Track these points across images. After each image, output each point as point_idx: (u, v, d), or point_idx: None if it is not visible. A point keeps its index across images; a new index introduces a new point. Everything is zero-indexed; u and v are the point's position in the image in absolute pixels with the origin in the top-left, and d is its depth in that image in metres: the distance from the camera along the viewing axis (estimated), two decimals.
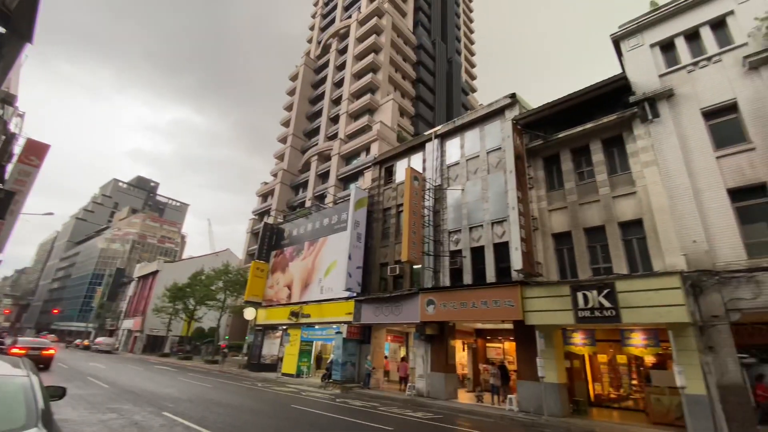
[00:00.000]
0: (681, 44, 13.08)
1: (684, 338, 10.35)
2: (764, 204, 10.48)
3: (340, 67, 46.83)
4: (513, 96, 17.07)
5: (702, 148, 11.65)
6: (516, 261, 13.14)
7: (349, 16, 49.76)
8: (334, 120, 44.22)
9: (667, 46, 13.47)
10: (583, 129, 14.09)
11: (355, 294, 20.15)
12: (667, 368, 11.70)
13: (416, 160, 21.22)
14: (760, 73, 11.20)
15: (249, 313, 26.86)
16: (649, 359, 13.23)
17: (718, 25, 12.56)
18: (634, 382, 14.00)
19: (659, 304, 10.36)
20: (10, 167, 16.77)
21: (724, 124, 11.64)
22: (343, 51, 47.55)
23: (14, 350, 17.99)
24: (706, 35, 12.63)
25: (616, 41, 14.54)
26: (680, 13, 13.25)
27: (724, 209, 10.84)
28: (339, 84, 45.76)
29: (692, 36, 12.99)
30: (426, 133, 21.43)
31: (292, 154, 46.84)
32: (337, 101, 45.05)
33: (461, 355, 19.48)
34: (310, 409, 11.88)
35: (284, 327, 24.84)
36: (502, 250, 15.60)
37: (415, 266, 18.47)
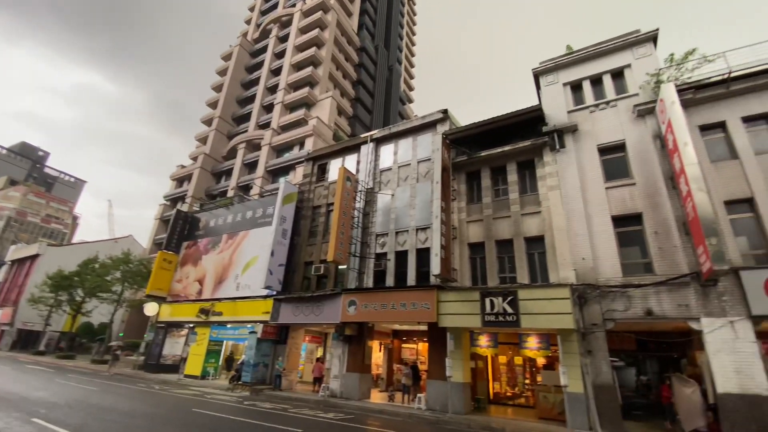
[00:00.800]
0: (587, 87, 15.04)
1: (569, 343, 11.83)
2: (638, 231, 12.44)
3: (279, 55, 44.95)
4: (445, 112, 18.03)
5: (595, 178, 13.50)
6: (435, 266, 13.81)
7: (293, 5, 48.13)
8: (268, 109, 42.25)
9: (576, 87, 15.38)
10: (501, 150, 15.43)
11: (274, 292, 19.41)
12: (554, 369, 13.26)
13: (350, 161, 21.24)
14: (645, 120, 13.34)
15: (151, 309, 24.31)
16: (541, 361, 14.86)
17: (618, 75, 14.68)
18: (527, 381, 15.61)
19: (552, 312, 11.71)
20: None
21: (614, 161, 13.62)
22: (283, 39, 45.74)
23: None
24: (608, 82, 14.69)
25: (536, 75, 16.20)
26: (589, 60, 15.24)
27: (608, 233, 12.66)
28: (276, 72, 43.87)
29: (596, 81, 15.01)
30: (362, 136, 21.57)
31: (216, 139, 43.60)
32: (272, 89, 43.12)
33: (377, 356, 19.87)
34: (214, 412, 11.12)
35: (191, 325, 22.93)
36: (423, 255, 16.32)
37: (340, 266, 18.42)
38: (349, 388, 15.96)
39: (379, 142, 20.40)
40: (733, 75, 11.99)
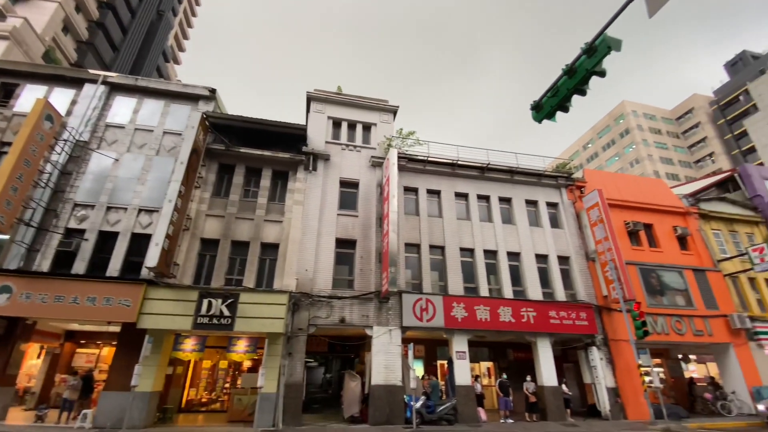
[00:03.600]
0: (344, 128, 17.63)
1: (275, 346, 12.72)
2: (351, 254, 15.21)
3: None
4: (213, 91, 16.47)
5: (332, 204, 15.71)
6: (152, 258, 11.85)
7: None
8: None
9: (337, 124, 17.71)
10: (261, 153, 15.57)
11: None
12: (257, 372, 13.82)
13: (61, 96, 15.54)
14: (375, 170, 16.83)
15: None
16: (247, 364, 15.19)
17: (367, 128, 17.98)
18: (227, 385, 15.51)
19: (267, 317, 12.33)
20: None
21: (349, 194, 16.36)
22: None
23: None
24: (359, 130, 17.72)
25: (309, 99, 17.63)
26: (350, 107, 17.99)
27: (330, 251, 14.82)
28: None
29: (352, 126, 17.83)
30: (93, 72, 16.46)
31: None
32: None
33: (33, 364, 14.68)
34: None
35: None
36: (141, 242, 13.68)
37: None
38: None
39: (115, 88, 16.11)
40: (429, 159, 17.15)
